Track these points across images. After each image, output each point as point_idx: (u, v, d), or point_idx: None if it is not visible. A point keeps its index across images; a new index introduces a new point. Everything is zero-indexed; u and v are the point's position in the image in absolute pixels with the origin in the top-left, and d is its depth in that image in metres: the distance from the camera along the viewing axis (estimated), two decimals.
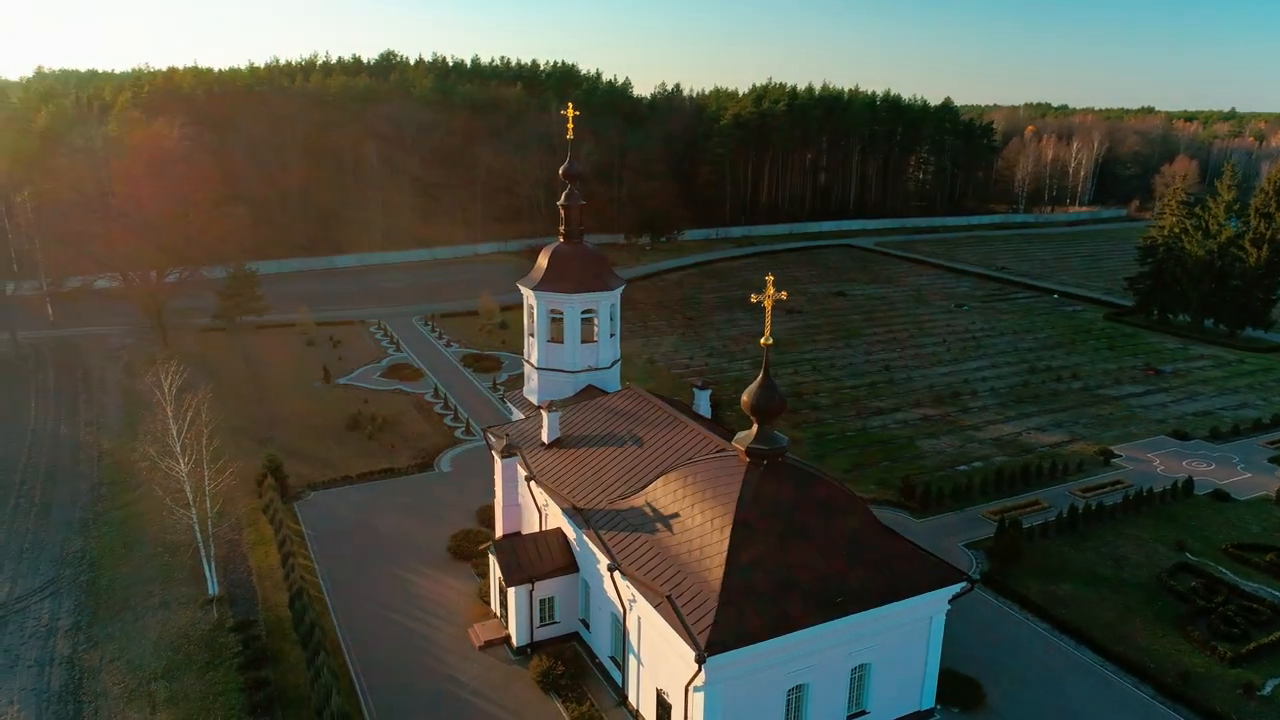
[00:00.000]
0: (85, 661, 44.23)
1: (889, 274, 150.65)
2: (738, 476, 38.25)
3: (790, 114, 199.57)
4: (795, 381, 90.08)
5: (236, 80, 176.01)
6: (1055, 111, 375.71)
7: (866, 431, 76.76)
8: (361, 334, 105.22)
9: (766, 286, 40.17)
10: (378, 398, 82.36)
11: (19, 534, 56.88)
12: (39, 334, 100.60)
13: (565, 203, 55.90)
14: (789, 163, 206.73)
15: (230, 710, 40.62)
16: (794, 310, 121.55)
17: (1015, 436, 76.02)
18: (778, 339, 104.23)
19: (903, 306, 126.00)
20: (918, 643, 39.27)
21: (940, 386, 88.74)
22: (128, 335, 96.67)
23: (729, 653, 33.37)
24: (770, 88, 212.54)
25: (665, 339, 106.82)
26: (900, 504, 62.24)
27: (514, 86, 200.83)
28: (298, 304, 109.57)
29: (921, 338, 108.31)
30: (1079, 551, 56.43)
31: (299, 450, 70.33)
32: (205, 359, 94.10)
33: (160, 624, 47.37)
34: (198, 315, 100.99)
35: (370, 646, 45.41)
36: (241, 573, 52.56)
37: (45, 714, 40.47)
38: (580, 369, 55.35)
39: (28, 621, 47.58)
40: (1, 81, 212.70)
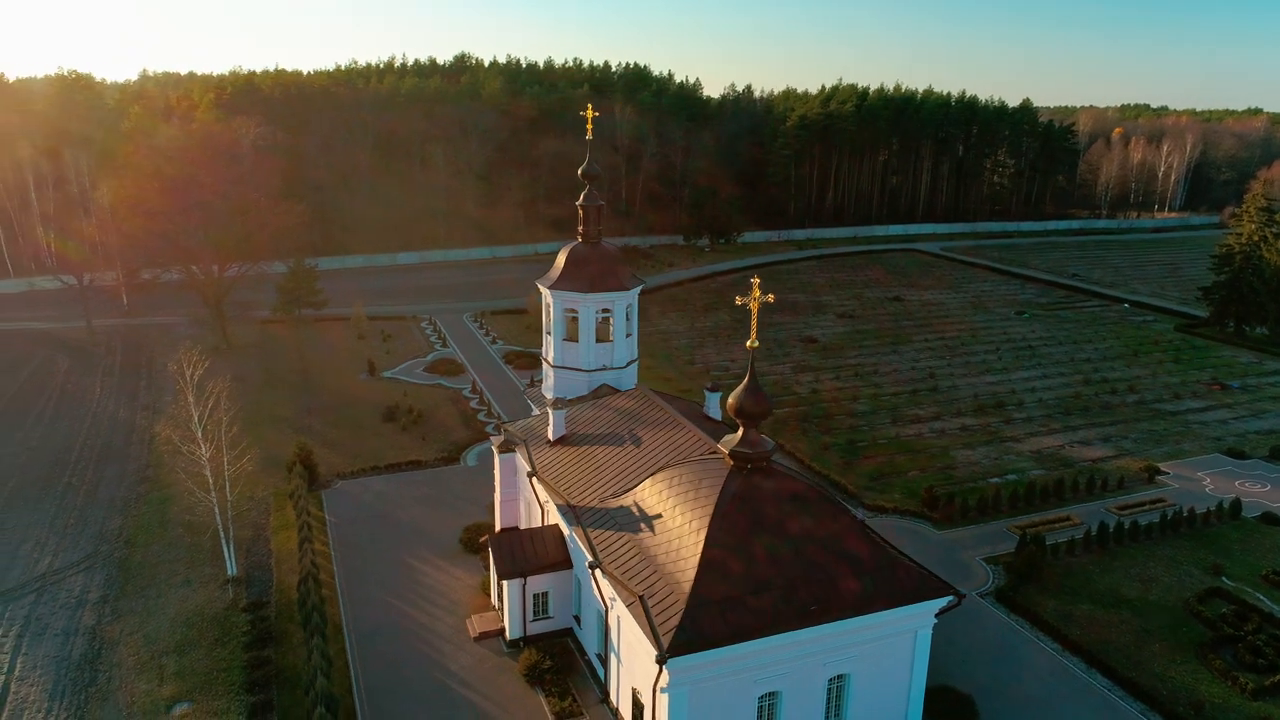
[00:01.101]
0: (106, 633, 46.71)
1: (951, 279, 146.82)
2: (719, 479, 38.08)
3: (858, 115, 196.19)
4: (835, 387, 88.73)
5: (313, 83, 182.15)
6: (1149, 113, 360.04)
7: (900, 440, 75.13)
8: (412, 329, 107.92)
9: (752, 289, 39.51)
10: (417, 391, 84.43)
11: (66, 510, 60.34)
12: (113, 322, 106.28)
13: (583, 203, 56.34)
14: (856, 165, 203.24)
15: (230, 686, 42.38)
16: (845, 315, 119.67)
17: (1057, 450, 73.34)
18: (826, 343, 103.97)
19: (959, 313, 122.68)
20: (901, 656, 38.42)
21: (985, 396, 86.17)
22: (192, 325, 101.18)
23: (692, 655, 33.30)
24: (839, 89, 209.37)
25: (710, 340, 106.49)
26: (922, 514, 60.82)
27: (581, 88, 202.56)
28: (358, 299, 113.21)
29: (973, 345, 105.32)
30: (1105, 571, 54.21)
31: (334, 439, 72.68)
32: (262, 349, 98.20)
33: (180, 601, 49.67)
34: (259, 307, 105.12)
35: (371, 632, 46.75)
36: (262, 555, 54.67)
37: (63, 680, 42.93)
38: (595, 368, 55.72)
39: (61, 593, 50.48)
40: (109, 84, 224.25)
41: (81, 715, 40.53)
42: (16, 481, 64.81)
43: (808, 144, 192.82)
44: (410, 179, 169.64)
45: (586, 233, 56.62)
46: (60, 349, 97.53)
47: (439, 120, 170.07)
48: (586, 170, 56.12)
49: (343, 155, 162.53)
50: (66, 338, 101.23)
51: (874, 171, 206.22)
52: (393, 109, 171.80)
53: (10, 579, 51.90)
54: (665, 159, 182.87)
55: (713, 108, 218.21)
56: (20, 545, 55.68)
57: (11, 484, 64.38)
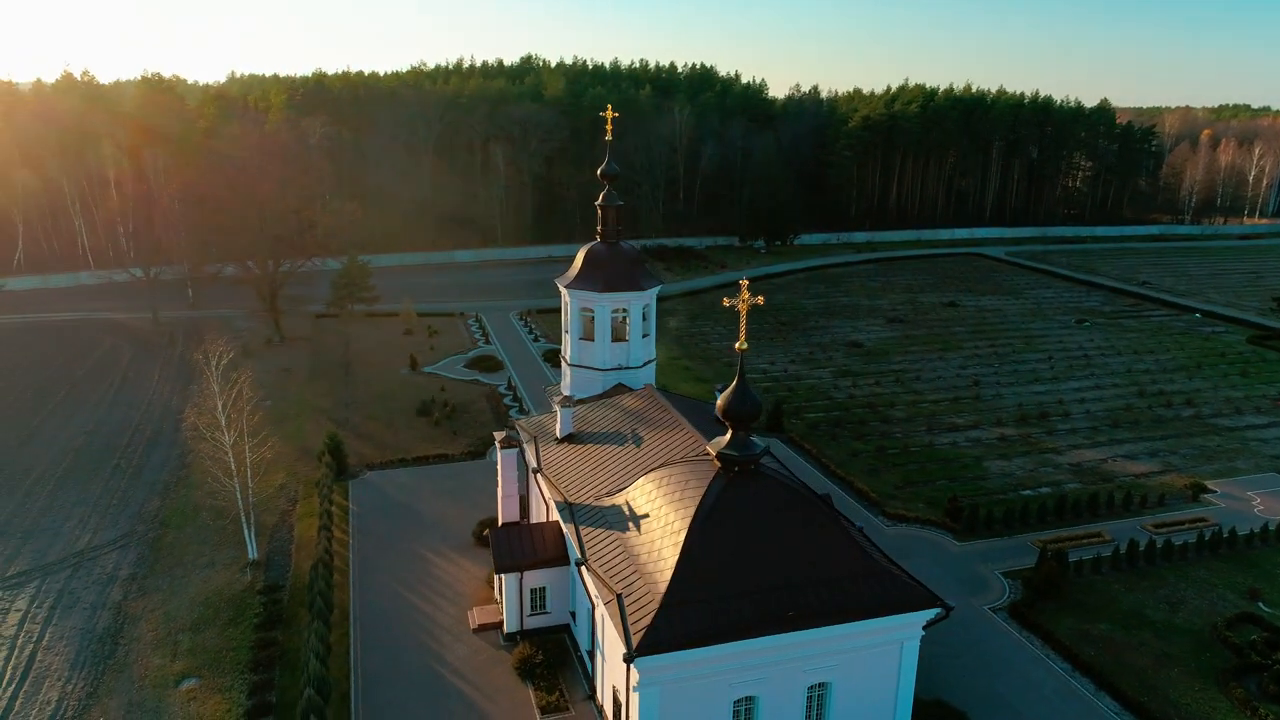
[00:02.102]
0: (130, 609, 49.01)
1: (1012, 285, 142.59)
2: (705, 481, 37.94)
3: (924, 116, 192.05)
4: (873, 392, 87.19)
5: (382, 84, 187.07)
6: (1247, 114, 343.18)
7: (933, 448, 73.45)
8: (458, 325, 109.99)
9: (741, 291, 39.25)
10: (454, 387, 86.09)
11: (110, 491, 63.48)
12: (177, 314, 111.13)
13: (602, 203, 56.61)
14: (921, 167, 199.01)
15: (236, 665, 44.05)
16: (896, 319, 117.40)
17: (1099, 463, 70.70)
18: (871, 348, 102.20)
19: (1017, 320, 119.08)
20: (887, 667, 37.62)
21: (1030, 406, 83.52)
22: (248, 318, 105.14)
23: (661, 655, 33.28)
24: (905, 89, 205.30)
25: (751, 342, 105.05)
26: (944, 525, 59.37)
27: (643, 89, 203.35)
28: (413, 295, 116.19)
29: (1026, 353, 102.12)
30: (1130, 590, 52.11)
31: (368, 431, 74.67)
32: (312, 342, 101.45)
33: (202, 582, 51.79)
34: (314, 302, 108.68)
35: (376, 619, 47.97)
36: (283, 541, 56.59)
37: (84, 652, 45.23)
38: (609, 367, 55.97)
39: (95, 569, 53.16)
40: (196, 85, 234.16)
41: (97, 686, 42.65)
42: (71, 462, 68.45)
43: (870, 145, 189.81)
44: (471, 178, 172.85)
45: (605, 233, 56.84)
46: (126, 338, 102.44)
47: (500, 121, 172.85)
48: (605, 170, 56.39)
49: (405, 155, 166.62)
50: (134, 328, 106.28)
51: (940, 174, 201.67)
52: (456, 109, 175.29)
53: (52, 554, 54.89)
54: (725, 159, 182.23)
55: (777, 109, 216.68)
56: (65, 522, 58.83)
57: (66, 464, 68.03)
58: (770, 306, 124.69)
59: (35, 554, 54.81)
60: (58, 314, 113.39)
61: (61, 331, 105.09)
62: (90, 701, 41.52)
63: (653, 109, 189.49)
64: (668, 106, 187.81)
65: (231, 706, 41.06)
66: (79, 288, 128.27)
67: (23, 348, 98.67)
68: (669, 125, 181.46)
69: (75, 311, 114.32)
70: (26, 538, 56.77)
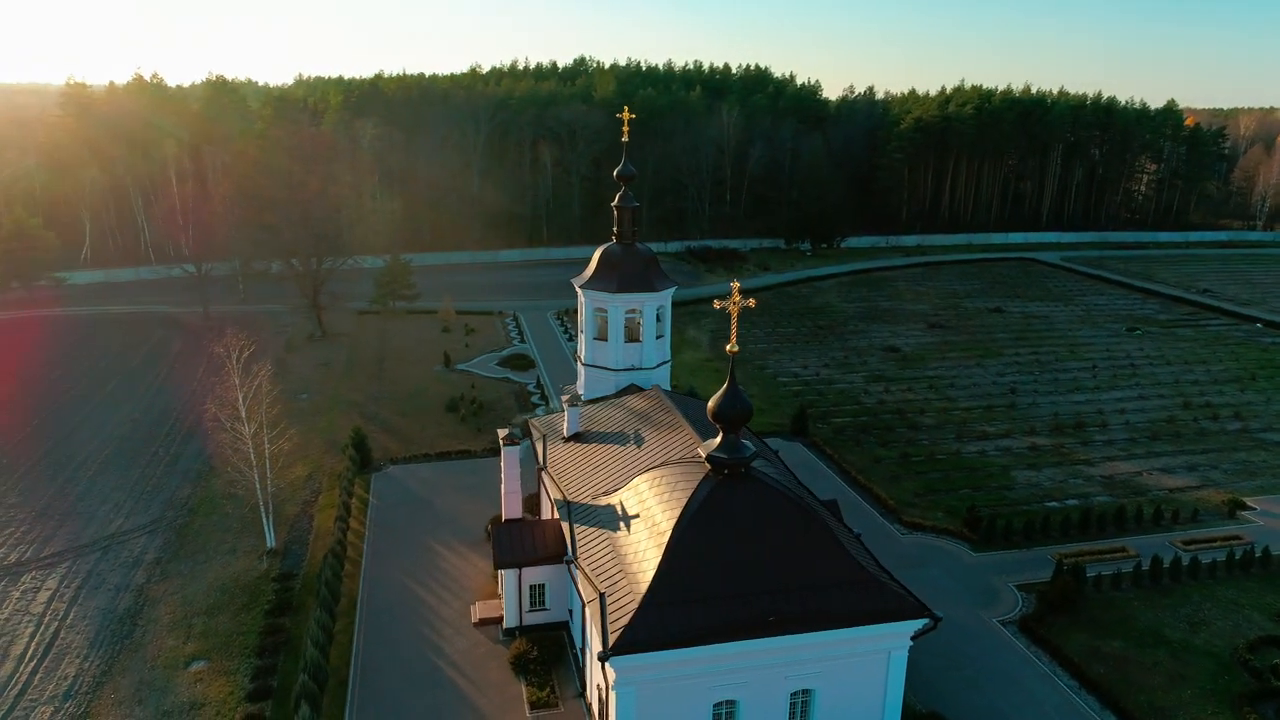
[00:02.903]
0: (151, 592, 50.92)
1: (1063, 291, 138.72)
2: (693, 483, 37.94)
3: (979, 118, 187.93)
4: (904, 398, 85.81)
5: (436, 85, 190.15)
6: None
7: (959, 456, 72.02)
8: (495, 324, 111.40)
9: (732, 293, 39.15)
10: (485, 384, 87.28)
11: (145, 478, 65.98)
12: (227, 308, 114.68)
13: (618, 204, 56.93)
14: (975, 170, 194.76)
15: (244, 649, 45.46)
16: (937, 324, 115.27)
17: (1132, 476, 68.50)
18: (908, 353, 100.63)
19: (1064, 327, 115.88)
20: (874, 677, 37.17)
21: (1066, 415, 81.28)
22: (293, 313, 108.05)
23: (636, 655, 33.45)
24: (960, 90, 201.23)
25: (786, 346, 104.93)
26: (961, 534, 58.19)
27: (693, 90, 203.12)
28: (457, 294, 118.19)
29: (1069, 361, 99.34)
30: (1151, 608, 50.44)
31: (396, 426, 76.20)
32: (352, 338, 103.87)
33: (221, 568, 53.53)
34: (358, 299, 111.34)
35: (381, 610, 49.00)
36: (303, 531, 58.13)
37: (104, 631, 47.16)
38: (623, 368, 56.40)
39: (123, 552, 55.34)
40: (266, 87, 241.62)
41: (111, 664, 44.43)
42: (114, 449, 71.32)
43: (922, 148, 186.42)
44: (519, 179, 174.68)
45: (620, 234, 57.17)
46: (177, 331, 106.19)
47: (549, 122, 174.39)
48: (621, 172, 56.69)
49: (455, 155, 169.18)
50: (185, 321, 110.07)
51: (995, 177, 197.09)
52: (506, 110, 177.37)
53: (85, 536, 57.32)
54: (773, 161, 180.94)
55: (830, 110, 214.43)
56: (100, 506, 61.36)
57: (109, 451, 70.91)
58: (809, 309, 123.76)
59: (70, 536, 57.30)
60: (117, 307, 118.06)
61: (119, 324, 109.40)
62: (104, 679, 43.29)
63: (703, 110, 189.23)
64: (718, 108, 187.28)
65: (234, 689, 42.41)
66: (139, 282, 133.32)
67: (83, 339, 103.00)
68: (717, 126, 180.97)
69: (133, 305, 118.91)
70: (64, 520, 59.38)
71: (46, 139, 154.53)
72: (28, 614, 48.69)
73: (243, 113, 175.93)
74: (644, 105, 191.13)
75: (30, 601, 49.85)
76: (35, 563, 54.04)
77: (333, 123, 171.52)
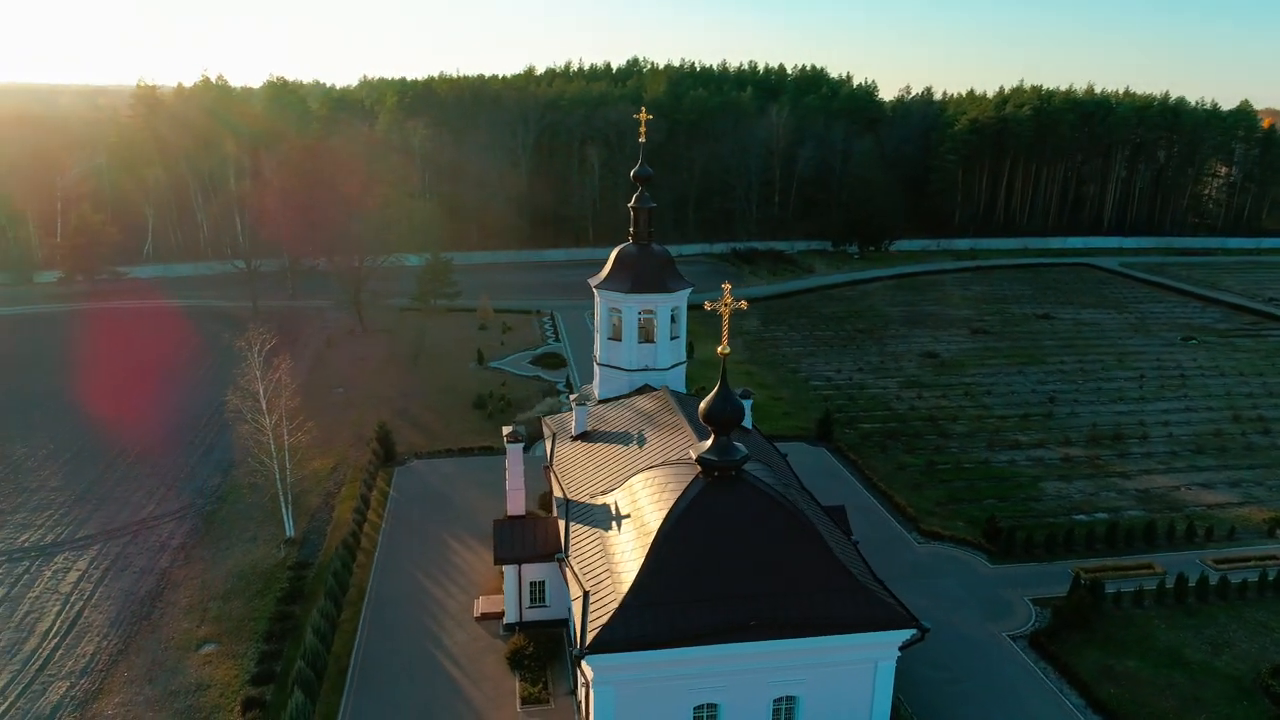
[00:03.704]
0: (173, 576, 52.75)
1: (1117, 298, 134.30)
2: (682, 484, 37.87)
3: (1037, 119, 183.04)
4: (937, 405, 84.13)
5: (488, 86, 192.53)
6: None
7: (988, 465, 70.39)
8: (533, 323, 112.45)
9: (724, 295, 38.95)
10: (515, 382, 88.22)
11: (181, 466, 68.35)
12: (276, 303, 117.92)
13: (634, 205, 57.09)
14: (1033, 173, 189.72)
15: (253, 634, 46.80)
16: (980, 330, 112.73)
17: (1170, 491, 66.09)
18: (947, 359, 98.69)
19: (1114, 335, 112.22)
20: (860, 686, 36.61)
21: (1105, 426, 78.76)
22: (335, 309, 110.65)
23: (612, 655, 33.58)
24: (1019, 91, 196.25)
25: (822, 349, 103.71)
26: (979, 545, 56.87)
27: (744, 91, 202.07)
28: (500, 293, 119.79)
29: (1115, 370, 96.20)
30: (1172, 628, 48.63)
31: (424, 421, 77.52)
32: (391, 334, 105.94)
33: (241, 555, 55.16)
34: (400, 296, 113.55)
35: (388, 601, 49.95)
36: (322, 521, 59.56)
37: (124, 612, 49.02)
38: (636, 368, 56.44)
39: (152, 537, 57.42)
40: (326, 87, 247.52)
41: (128, 643, 46.16)
42: (154, 437, 73.96)
43: (977, 149, 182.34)
44: (567, 179, 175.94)
45: (637, 234, 57.30)
46: (226, 325, 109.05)
47: (597, 123, 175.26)
48: (638, 173, 56.85)
49: (504, 156, 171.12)
50: (235, 315, 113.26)
51: (1053, 180, 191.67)
52: (556, 111, 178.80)
53: (118, 520, 59.62)
54: (824, 162, 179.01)
55: (886, 111, 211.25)
56: (135, 492, 63.76)
57: (149, 439, 73.56)
58: (850, 312, 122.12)
59: (104, 519, 59.67)
60: (173, 300, 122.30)
61: (173, 317, 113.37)
62: (119, 658, 45.00)
63: (754, 111, 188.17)
64: (769, 109, 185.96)
65: (240, 672, 43.70)
66: (197, 277, 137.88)
67: (137, 331, 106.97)
68: (767, 127, 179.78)
69: (188, 299, 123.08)
70: (100, 504, 61.86)
71: (117, 139, 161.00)
72: (57, 593, 50.87)
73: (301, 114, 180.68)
74: (694, 106, 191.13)
75: (60, 581, 52.06)
76: (69, 544, 56.42)
77: (387, 123, 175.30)
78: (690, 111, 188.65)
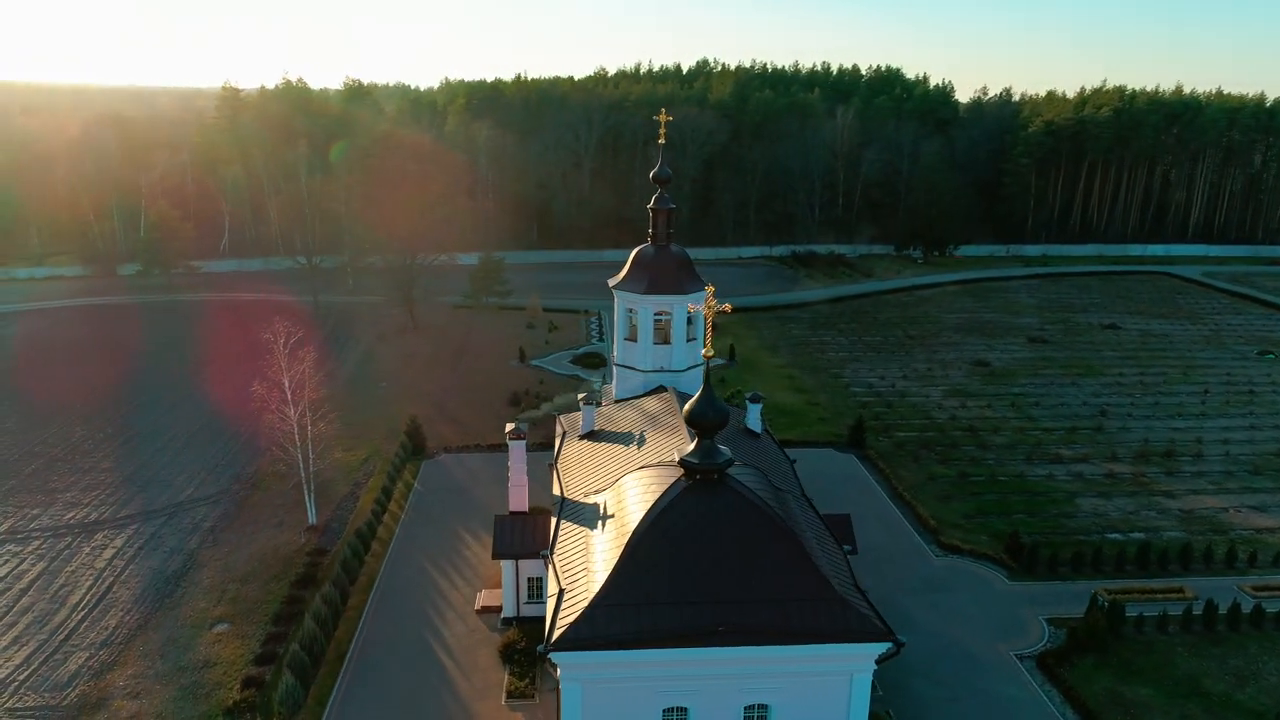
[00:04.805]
0: (200, 557, 55.13)
1: (1194, 309, 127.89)
2: (663, 487, 37.81)
3: (1117, 121, 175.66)
4: (980, 415, 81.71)
5: (554, 88, 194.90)
6: None
7: (1023, 479, 68.05)
8: (580, 323, 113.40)
9: (707, 298, 38.71)
10: (553, 380, 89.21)
11: (223, 452, 71.33)
12: (336, 299, 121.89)
13: (653, 206, 57.17)
14: (1112, 177, 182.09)
15: (264, 616, 48.57)
16: (1038, 339, 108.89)
17: (1216, 513, 62.78)
18: (998, 369, 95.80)
19: (1184, 347, 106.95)
20: (834, 699, 35.86)
21: (1157, 442, 75.24)
22: (390, 305, 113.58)
23: (578, 653, 33.76)
24: (1100, 91, 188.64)
25: (869, 355, 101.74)
26: (999, 560, 55.06)
27: (812, 92, 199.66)
28: (555, 292, 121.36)
29: (1179, 384, 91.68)
30: (1196, 657, 46.27)
31: (458, 416, 79.06)
32: (441, 330, 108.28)
33: (266, 539, 57.28)
34: (452, 294, 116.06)
35: (395, 590, 51.22)
36: (346, 510, 61.37)
37: (149, 588, 51.47)
38: (651, 369, 56.51)
39: (185, 519, 60.13)
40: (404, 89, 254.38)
41: (148, 619, 48.49)
42: (202, 424, 77.44)
43: (1053, 152, 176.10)
44: (629, 180, 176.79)
45: (655, 235, 57.35)
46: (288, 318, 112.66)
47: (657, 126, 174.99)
48: (657, 174, 56.83)
49: (567, 157, 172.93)
50: (296, 310, 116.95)
51: (1135, 184, 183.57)
52: (620, 112, 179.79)
53: (158, 502, 62.63)
54: (890, 165, 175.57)
55: (958, 112, 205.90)
56: (177, 476, 66.86)
57: (199, 426, 77.08)
58: (904, 318, 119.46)
59: (146, 500, 62.76)
60: (242, 294, 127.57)
61: (238, 310, 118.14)
62: (138, 632, 47.30)
63: (820, 112, 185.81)
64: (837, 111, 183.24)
65: (245, 652, 45.42)
66: (267, 272, 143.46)
67: (205, 322, 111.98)
68: (832, 129, 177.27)
69: (256, 293, 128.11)
70: (144, 486, 65.07)
71: (201, 138, 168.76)
72: (91, 568, 53.72)
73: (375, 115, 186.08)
74: (760, 107, 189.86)
75: (96, 557, 54.96)
76: (110, 523, 59.51)
77: (454, 124, 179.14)
78: (755, 113, 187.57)
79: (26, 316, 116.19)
